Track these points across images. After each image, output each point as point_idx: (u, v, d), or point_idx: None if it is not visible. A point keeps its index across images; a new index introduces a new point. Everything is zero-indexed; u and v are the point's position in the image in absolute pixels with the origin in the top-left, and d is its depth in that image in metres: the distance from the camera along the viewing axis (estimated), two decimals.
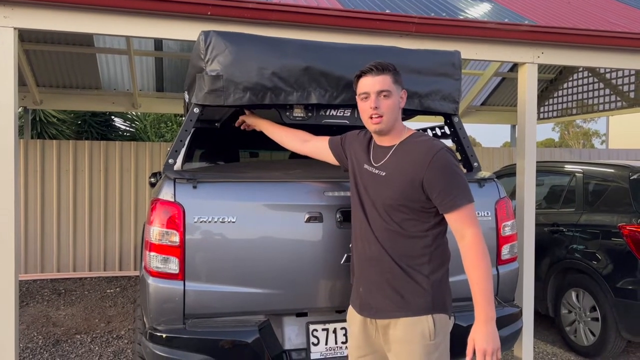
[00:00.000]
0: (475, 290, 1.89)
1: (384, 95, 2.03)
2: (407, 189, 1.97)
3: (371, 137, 2.21)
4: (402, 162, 2.01)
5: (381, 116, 2.03)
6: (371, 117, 2.05)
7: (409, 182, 1.96)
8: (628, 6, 5.29)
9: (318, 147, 2.55)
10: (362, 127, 2.30)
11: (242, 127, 2.95)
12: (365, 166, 2.15)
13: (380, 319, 2.05)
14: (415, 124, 4.84)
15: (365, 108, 2.07)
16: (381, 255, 2.04)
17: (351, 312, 2.22)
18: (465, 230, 1.91)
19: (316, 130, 2.86)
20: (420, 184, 1.94)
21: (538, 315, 4.77)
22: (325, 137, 2.54)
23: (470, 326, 1.95)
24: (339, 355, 2.61)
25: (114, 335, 4.71)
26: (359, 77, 2.10)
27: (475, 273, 1.89)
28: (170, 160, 2.65)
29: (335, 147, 2.45)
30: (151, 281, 2.44)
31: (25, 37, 6.21)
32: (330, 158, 2.49)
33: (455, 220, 1.93)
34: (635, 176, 4.30)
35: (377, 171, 2.08)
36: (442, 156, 1.94)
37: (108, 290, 6.36)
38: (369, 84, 2.04)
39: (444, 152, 1.96)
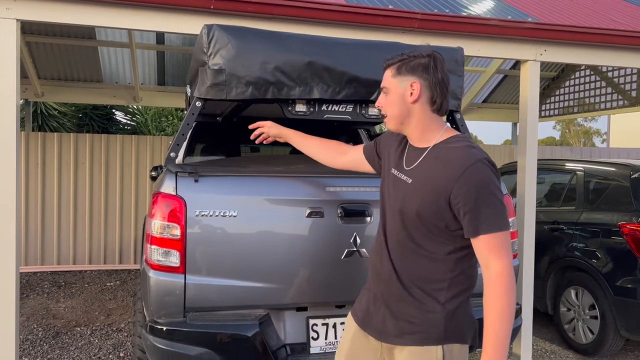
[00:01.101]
0: (488, 332, 1.59)
1: (384, 92, 1.82)
2: (432, 203, 1.66)
3: (405, 137, 1.90)
4: (431, 171, 1.70)
5: (385, 115, 1.83)
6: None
7: (435, 195, 1.65)
8: (631, 4, 5.27)
9: (354, 160, 2.24)
10: (362, 124, 2.28)
11: (258, 141, 2.54)
12: (393, 170, 1.86)
13: (384, 342, 1.81)
14: None
15: None
16: (391, 276, 1.78)
17: (350, 318, 1.98)
18: (490, 261, 1.60)
19: (319, 125, 2.85)
20: (448, 200, 1.64)
21: (537, 313, 4.78)
22: (361, 145, 2.24)
23: (478, 320, 1.87)
24: None
25: (114, 328, 4.72)
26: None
27: (493, 311, 1.58)
28: (172, 154, 2.65)
29: (370, 154, 2.15)
30: (152, 274, 2.44)
31: (27, 29, 6.20)
32: (369, 168, 2.19)
33: (481, 248, 1.62)
34: (636, 175, 4.30)
35: (404, 177, 1.79)
36: (478, 169, 1.61)
37: (108, 283, 6.38)
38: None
39: (481, 164, 1.62)
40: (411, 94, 1.75)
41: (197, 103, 2.64)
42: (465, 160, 1.63)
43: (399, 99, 1.77)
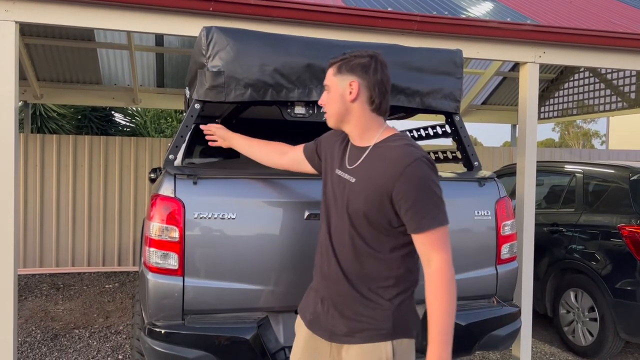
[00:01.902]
0: (431, 327, 1.61)
1: (326, 90, 1.86)
2: (375, 201, 1.70)
3: (347, 136, 1.93)
4: (373, 170, 1.73)
5: (326, 111, 1.87)
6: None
7: (378, 194, 1.69)
8: (630, 6, 5.28)
9: (294, 160, 2.26)
10: None
11: (209, 143, 2.61)
12: (337, 171, 1.88)
13: (333, 342, 1.82)
14: (416, 122, 4.84)
15: None
16: (338, 277, 1.79)
17: (299, 322, 1.98)
18: (431, 255, 1.64)
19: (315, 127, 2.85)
20: (390, 198, 1.67)
21: (536, 315, 4.78)
22: (300, 146, 2.27)
23: (469, 325, 1.92)
24: None
25: (112, 331, 4.71)
26: None
27: (435, 306, 1.62)
28: (171, 156, 2.65)
29: (310, 154, 2.18)
30: (150, 277, 2.44)
31: (26, 31, 6.20)
32: (309, 169, 2.21)
33: (422, 243, 1.66)
34: (635, 177, 4.30)
35: (347, 176, 1.81)
36: (417, 167, 1.65)
37: (107, 286, 6.36)
38: None
39: (420, 162, 1.66)
40: (350, 92, 1.78)
41: (195, 105, 2.63)
42: (405, 159, 1.67)
43: (338, 98, 1.81)
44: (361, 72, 1.77)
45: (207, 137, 2.60)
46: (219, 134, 2.54)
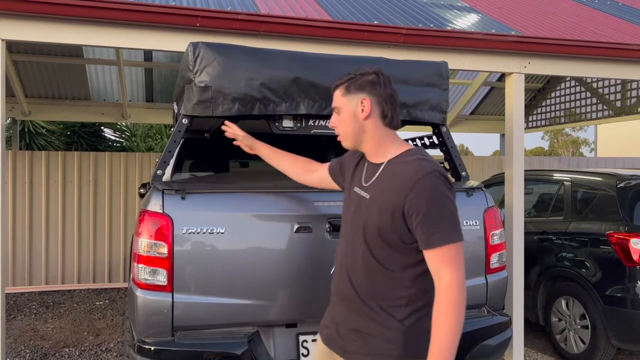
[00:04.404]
0: (433, 344, 1.58)
1: (335, 112, 1.87)
2: (387, 217, 1.69)
3: (364, 154, 1.95)
4: (386, 186, 1.73)
5: (339, 134, 1.88)
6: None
7: (390, 209, 1.68)
8: (612, 16, 5.37)
9: (322, 179, 2.28)
10: None
11: (236, 144, 2.60)
12: (355, 188, 1.88)
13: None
14: (403, 133, 4.87)
15: None
16: (351, 294, 1.80)
17: (319, 339, 2.00)
18: (441, 273, 1.61)
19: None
20: (402, 213, 1.66)
21: (528, 324, 4.78)
22: (326, 164, 2.29)
23: (469, 333, 1.87)
24: None
25: (103, 348, 4.65)
26: None
27: (440, 323, 1.58)
28: (159, 172, 2.65)
29: (335, 174, 2.19)
30: (139, 293, 2.42)
31: (13, 48, 6.18)
32: (335, 186, 2.23)
33: (432, 260, 1.63)
34: (622, 184, 4.34)
35: (363, 193, 1.81)
36: (428, 181, 1.63)
37: (97, 303, 6.30)
38: None
39: (432, 176, 1.64)
40: (362, 110, 1.79)
41: (183, 120, 2.64)
42: (416, 174, 1.66)
43: (351, 117, 1.81)
44: (370, 88, 1.79)
45: (228, 135, 2.56)
46: (245, 143, 2.52)
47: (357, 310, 1.78)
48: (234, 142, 2.58)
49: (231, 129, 2.54)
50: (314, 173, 2.32)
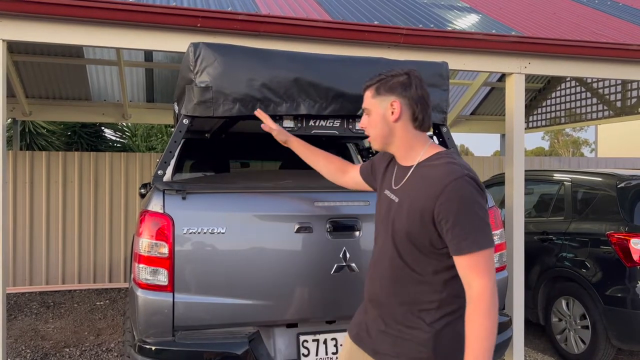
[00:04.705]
0: (468, 352, 1.57)
1: (365, 113, 1.85)
2: (416, 221, 1.66)
3: (394, 157, 1.92)
4: (415, 190, 1.70)
5: (369, 135, 1.85)
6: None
7: (419, 213, 1.65)
8: (612, 17, 5.37)
9: (354, 181, 2.25)
10: (350, 138, 2.28)
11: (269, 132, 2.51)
12: (385, 191, 1.87)
13: None
14: None
15: None
16: (382, 297, 1.80)
17: (347, 337, 2.00)
18: (472, 280, 1.58)
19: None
20: (432, 218, 1.63)
21: (529, 324, 4.79)
22: (357, 166, 2.27)
23: None
24: None
25: (104, 348, 4.66)
26: None
27: (474, 331, 1.56)
28: (160, 172, 2.65)
29: (366, 176, 2.16)
30: (140, 293, 2.43)
31: (14, 48, 6.19)
32: (368, 188, 2.20)
33: (462, 267, 1.60)
34: (622, 184, 4.34)
35: (393, 197, 1.79)
36: (459, 185, 1.60)
37: (98, 303, 6.31)
38: None
39: (462, 180, 1.61)
40: (392, 112, 1.77)
41: (184, 120, 2.64)
42: (445, 178, 1.62)
43: (380, 119, 1.79)
44: (401, 90, 1.76)
45: (264, 127, 2.50)
46: (280, 138, 2.46)
47: (387, 313, 1.78)
48: (273, 134, 2.47)
49: (266, 123, 2.48)
50: (347, 174, 2.29)
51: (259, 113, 2.53)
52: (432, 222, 1.63)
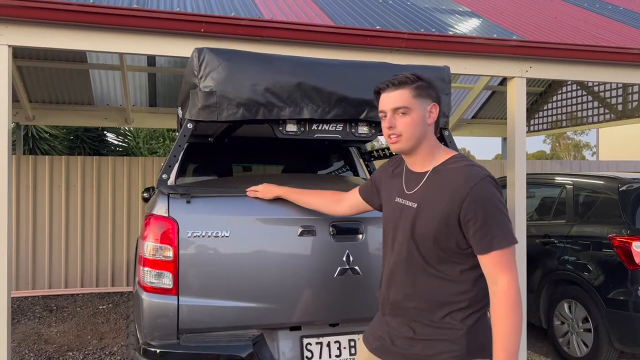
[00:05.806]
0: (497, 347, 1.62)
1: (402, 113, 1.78)
2: (441, 224, 1.71)
3: (402, 162, 1.95)
4: (437, 193, 1.74)
5: (400, 135, 1.79)
6: (389, 137, 1.82)
7: (445, 216, 1.70)
8: (613, 20, 5.39)
9: (353, 205, 2.30)
10: (352, 142, 2.29)
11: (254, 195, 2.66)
12: (397, 199, 1.88)
13: None
14: None
15: (383, 127, 1.84)
16: (406, 304, 1.81)
17: (361, 346, 1.99)
18: (497, 276, 1.65)
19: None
20: (457, 220, 1.69)
21: (531, 327, 4.79)
22: (354, 190, 2.31)
23: None
24: None
25: (107, 352, 4.67)
26: (377, 93, 1.88)
27: (502, 326, 1.62)
28: (164, 176, 2.67)
29: (368, 195, 2.20)
30: (145, 296, 2.44)
31: (18, 53, 6.23)
32: (368, 208, 2.25)
33: (488, 264, 1.66)
34: (624, 188, 4.36)
35: (409, 203, 1.81)
36: (483, 187, 1.67)
37: (100, 307, 6.32)
38: (384, 102, 1.83)
39: (485, 182, 1.68)
40: (430, 116, 1.82)
41: (188, 125, 2.66)
42: (470, 180, 1.68)
43: (421, 120, 1.80)
44: (436, 96, 1.84)
45: (250, 196, 2.65)
46: (267, 197, 2.61)
47: (414, 319, 1.80)
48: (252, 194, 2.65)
49: (249, 191, 2.64)
50: (342, 202, 2.35)
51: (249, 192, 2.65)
52: (458, 224, 1.69)
